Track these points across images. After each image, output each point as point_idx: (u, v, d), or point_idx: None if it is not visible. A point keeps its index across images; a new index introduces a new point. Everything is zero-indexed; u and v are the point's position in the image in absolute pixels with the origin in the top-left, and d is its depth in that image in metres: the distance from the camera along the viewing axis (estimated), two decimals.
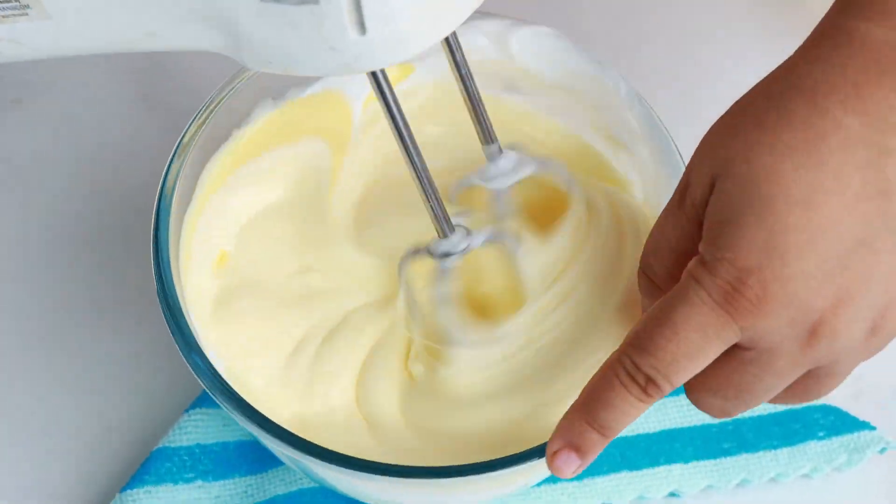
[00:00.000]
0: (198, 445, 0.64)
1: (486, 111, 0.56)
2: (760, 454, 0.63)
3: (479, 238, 0.56)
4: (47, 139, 0.73)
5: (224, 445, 0.64)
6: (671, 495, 0.64)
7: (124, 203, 0.70)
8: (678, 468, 0.64)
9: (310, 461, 0.52)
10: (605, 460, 0.63)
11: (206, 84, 0.60)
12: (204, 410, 0.64)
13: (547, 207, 0.59)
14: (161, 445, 0.63)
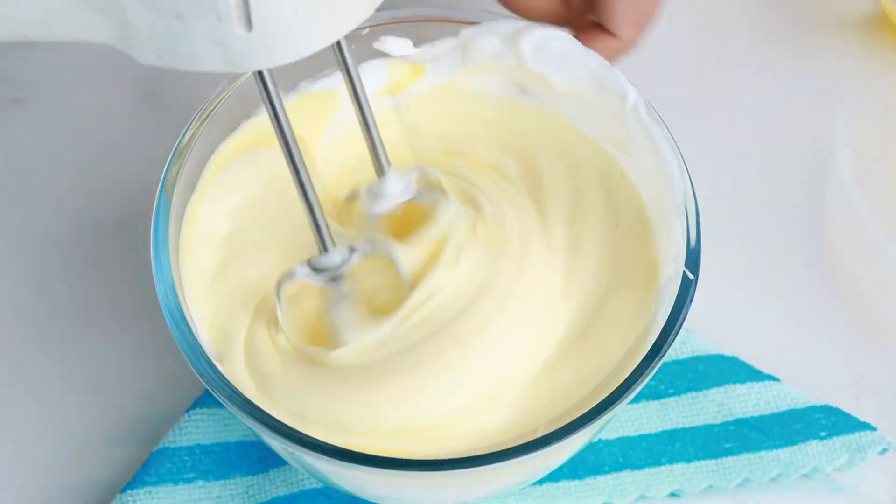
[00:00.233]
0: (198, 446, 0.64)
1: (380, 133, 0.56)
2: (762, 454, 0.63)
3: (359, 253, 0.55)
4: (47, 139, 0.73)
5: (225, 446, 0.64)
6: (672, 495, 0.64)
7: (124, 203, 0.70)
8: (680, 468, 0.64)
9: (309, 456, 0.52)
10: (607, 460, 0.63)
11: (207, 84, 0.60)
12: (205, 410, 0.64)
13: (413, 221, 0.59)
14: (161, 446, 0.63)
